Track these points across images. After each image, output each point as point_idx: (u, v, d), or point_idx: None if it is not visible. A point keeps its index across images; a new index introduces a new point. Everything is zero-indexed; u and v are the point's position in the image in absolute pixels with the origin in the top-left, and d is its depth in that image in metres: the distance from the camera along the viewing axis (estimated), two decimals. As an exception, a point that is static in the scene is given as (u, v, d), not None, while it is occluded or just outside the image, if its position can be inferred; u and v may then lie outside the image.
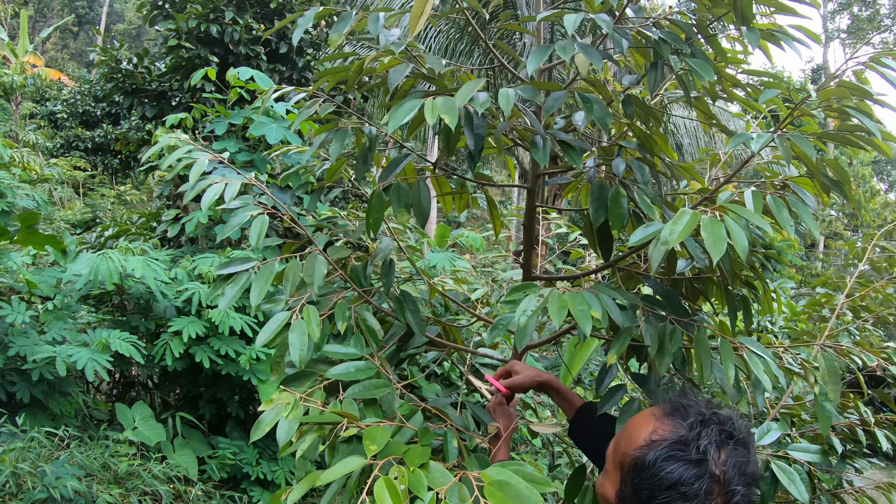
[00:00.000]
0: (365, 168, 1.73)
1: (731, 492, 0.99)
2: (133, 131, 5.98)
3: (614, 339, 1.49)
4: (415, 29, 1.48)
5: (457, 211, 1.99)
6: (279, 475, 4.09)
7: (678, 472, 0.99)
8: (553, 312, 1.26)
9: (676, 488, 0.98)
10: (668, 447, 1.01)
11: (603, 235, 1.85)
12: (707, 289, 1.99)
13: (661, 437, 1.03)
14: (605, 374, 1.90)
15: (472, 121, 1.54)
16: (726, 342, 1.48)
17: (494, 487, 1.15)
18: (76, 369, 3.43)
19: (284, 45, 6.38)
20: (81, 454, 3.20)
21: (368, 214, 1.63)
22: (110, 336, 3.59)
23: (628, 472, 1.06)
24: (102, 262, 3.60)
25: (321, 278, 1.62)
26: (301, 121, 1.66)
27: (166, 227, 5.18)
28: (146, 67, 5.88)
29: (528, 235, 1.90)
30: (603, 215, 1.64)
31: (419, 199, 1.63)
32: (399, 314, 1.86)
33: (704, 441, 1.00)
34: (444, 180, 1.87)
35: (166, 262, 4.34)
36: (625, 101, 1.65)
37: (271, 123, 4.88)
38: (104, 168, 11.17)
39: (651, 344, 1.46)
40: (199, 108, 5.02)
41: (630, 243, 1.37)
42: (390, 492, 1.10)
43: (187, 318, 3.99)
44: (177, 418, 3.97)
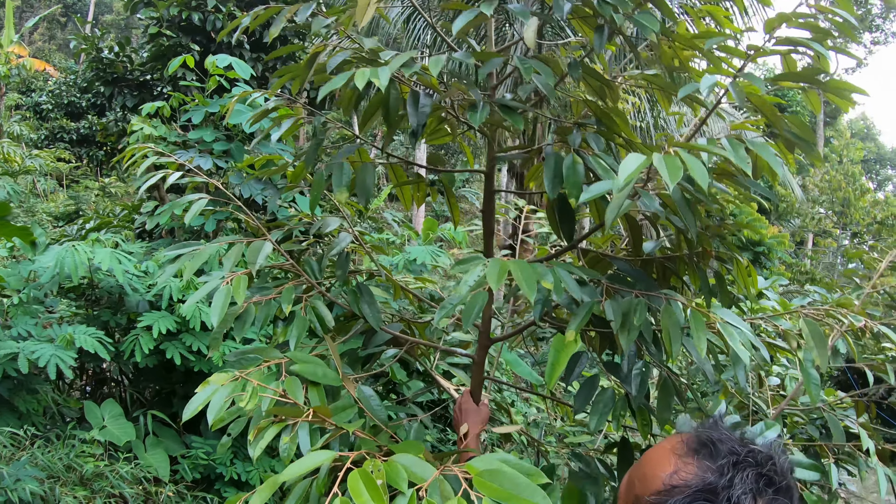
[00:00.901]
0: (314, 157, 1.70)
1: None
2: (114, 122, 5.94)
3: (574, 314, 1.45)
4: (362, 20, 1.45)
5: (416, 204, 1.95)
6: (254, 476, 4.05)
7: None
8: (491, 277, 1.21)
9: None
10: (692, 496, 0.84)
11: (563, 213, 1.81)
12: (679, 268, 1.95)
13: (684, 483, 0.85)
14: (575, 362, 1.86)
15: (418, 99, 1.52)
16: (696, 312, 1.43)
17: (485, 478, 1.05)
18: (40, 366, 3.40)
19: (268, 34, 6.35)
20: (45, 455, 3.16)
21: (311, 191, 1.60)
22: (75, 332, 3.54)
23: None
24: (69, 254, 3.57)
25: (263, 258, 1.61)
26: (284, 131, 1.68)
27: (145, 218, 5.14)
28: (127, 56, 5.84)
29: (488, 221, 1.86)
30: (559, 185, 1.60)
31: (363, 180, 1.60)
32: (353, 305, 1.83)
33: (738, 490, 0.82)
34: (400, 171, 1.84)
35: (139, 254, 4.31)
36: (571, 64, 1.60)
37: (249, 112, 4.83)
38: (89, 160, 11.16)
39: (614, 318, 1.42)
40: (177, 96, 4.98)
41: (580, 200, 1.32)
42: (367, 486, 0.99)
43: (158, 313, 3.95)
44: (149, 416, 3.93)
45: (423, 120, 1.45)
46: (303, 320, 1.64)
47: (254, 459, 1.27)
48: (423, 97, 1.49)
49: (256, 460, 4.09)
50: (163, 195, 5.19)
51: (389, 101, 1.43)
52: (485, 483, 1.04)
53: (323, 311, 1.75)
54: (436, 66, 1.32)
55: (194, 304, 1.58)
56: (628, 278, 1.78)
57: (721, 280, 1.88)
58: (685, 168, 1.13)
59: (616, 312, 1.49)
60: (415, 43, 8.03)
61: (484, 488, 1.03)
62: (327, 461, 1.11)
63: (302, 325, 1.63)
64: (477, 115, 1.42)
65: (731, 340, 1.53)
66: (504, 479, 1.04)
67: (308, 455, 1.11)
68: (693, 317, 1.54)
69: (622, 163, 1.20)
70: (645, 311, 1.50)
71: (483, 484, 1.04)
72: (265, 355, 1.62)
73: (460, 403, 1.83)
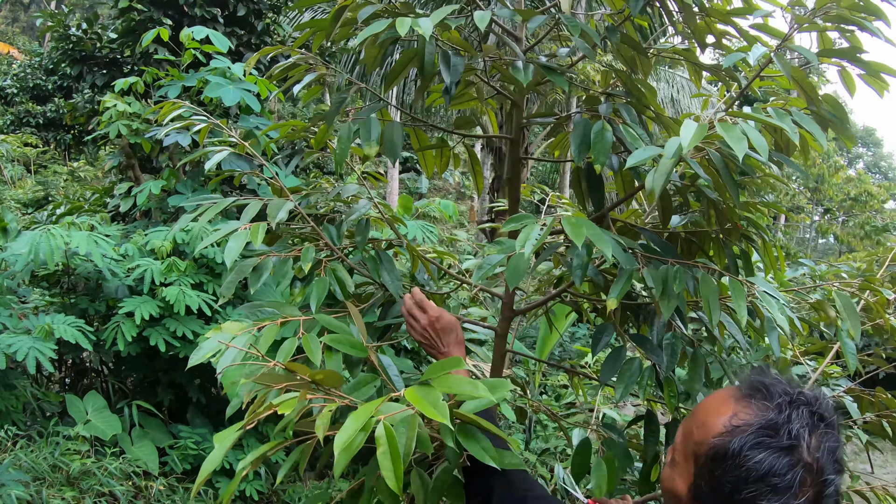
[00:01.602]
0: (336, 114, 1.63)
1: (825, 481, 0.89)
2: (83, 102, 5.70)
3: (615, 281, 1.41)
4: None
5: (438, 170, 1.88)
6: (247, 464, 3.97)
7: (768, 462, 0.89)
8: (571, 233, 1.17)
9: (766, 480, 0.88)
10: (755, 433, 0.90)
11: (591, 181, 1.77)
12: (703, 244, 1.93)
13: (745, 422, 0.92)
14: (602, 332, 1.83)
15: (449, 58, 1.45)
16: (736, 281, 1.42)
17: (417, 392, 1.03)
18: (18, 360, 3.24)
19: (242, 8, 6.15)
20: (29, 455, 3.02)
21: (336, 147, 1.52)
22: (54, 321, 3.39)
23: (706, 462, 0.94)
24: (43, 239, 3.40)
25: (285, 214, 1.55)
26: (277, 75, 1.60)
27: (119, 201, 4.96)
28: (96, 33, 5.59)
29: (514, 189, 1.81)
30: (585, 151, 1.56)
31: (391, 135, 1.53)
32: (374, 273, 1.77)
33: (796, 425, 0.90)
34: (423, 135, 1.77)
35: (116, 237, 4.15)
36: (610, 28, 1.55)
37: (228, 85, 4.68)
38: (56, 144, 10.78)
39: (655, 286, 1.39)
40: (150, 71, 4.80)
41: (629, 164, 1.28)
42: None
43: (140, 298, 3.82)
44: (133, 407, 3.81)
45: (456, 78, 1.38)
46: (323, 281, 1.56)
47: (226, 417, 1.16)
48: (454, 56, 1.43)
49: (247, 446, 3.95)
50: (138, 175, 5.01)
51: (425, 56, 1.35)
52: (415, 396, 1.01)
53: (343, 275, 1.67)
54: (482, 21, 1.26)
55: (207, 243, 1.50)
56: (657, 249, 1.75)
57: (747, 258, 1.87)
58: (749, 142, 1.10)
59: (656, 280, 1.46)
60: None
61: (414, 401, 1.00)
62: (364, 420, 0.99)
63: (322, 286, 1.55)
64: (521, 74, 1.36)
65: (770, 309, 1.52)
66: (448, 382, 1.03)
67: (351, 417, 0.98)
68: (732, 285, 1.53)
69: (682, 127, 1.16)
70: (684, 278, 1.48)
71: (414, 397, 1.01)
72: (282, 311, 1.53)
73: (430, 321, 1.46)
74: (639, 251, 1.58)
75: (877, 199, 13.58)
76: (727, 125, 1.13)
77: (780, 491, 0.87)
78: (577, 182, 1.98)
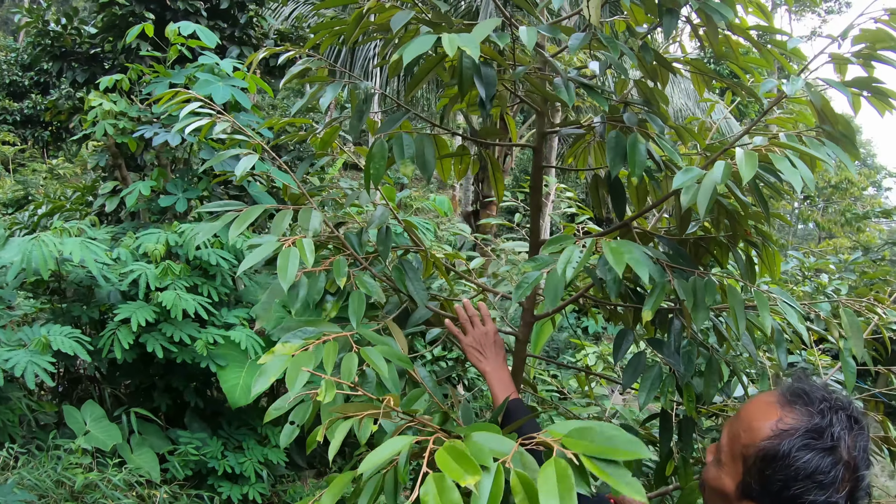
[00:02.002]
0: (360, 125, 1.63)
1: (860, 477, 1.02)
2: (63, 99, 5.57)
3: (649, 294, 1.45)
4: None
5: (455, 175, 1.90)
6: (247, 467, 3.97)
7: (815, 462, 1.00)
8: (612, 260, 1.20)
9: (813, 478, 1.00)
10: (802, 436, 1.01)
11: (615, 192, 1.81)
12: (710, 248, 1.99)
13: (791, 426, 1.03)
14: (623, 339, 1.87)
15: (482, 70, 1.46)
16: (760, 293, 1.47)
17: (574, 437, 0.97)
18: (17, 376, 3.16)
19: (226, 1, 6.06)
20: (32, 473, 2.97)
21: (368, 165, 1.52)
22: (50, 333, 3.33)
23: (755, 463, 1.04)
24: (35, 247, 3.33)
25: (317, 225, 1.54)
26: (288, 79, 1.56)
27: (104, 200, 4.88)
28: (76, 28, 5.46)
29: (536, 197, 1.83)
30: (620, 164, 1.59)
31: (423, 151, 1.53)
32: (399, 282, 1.78)
33: (837, 428, 1.01)
34: (443, 142, 1.77)
35: (106, 241, 4.09)
36: (643, 47, 1.58)
37: (217, 82, 4.62)
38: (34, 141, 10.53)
39: (686, 297, 1.43)
40: (135, 68, 4.70)
41: (674, 185, 1.32)
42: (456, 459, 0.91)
43: (135, 304, 3.78)
44: (131, 414, 3.78)
45: (491, 92, 1.39)
46: (359, 295, 1.56)
47: (329, 460, 1.17)
48: (486, 67, 1.44)
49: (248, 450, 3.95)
50: (125, 175, 4.93)
51: (464, 69, 1.36)
52: (575, 442, 0.96)
53: (372, 287, 1.68)
54: (530, 38, 1.27)
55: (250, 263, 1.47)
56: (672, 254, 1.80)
57: (751, 263, 1.94)
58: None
59: (687, 292, 1.51)
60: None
61: (575, 447, 0.95)
62: (406, 447, 1.02)
63: (360, 299, 1.55)
64: (564, 94, 1.38)
65: (790, 318, 1.58)
66: (595, 435, 0.97)
67: (386, 443, 1.02)
68: (757, 296, 1.58)
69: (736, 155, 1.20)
70: (714, 290, 1.53)
71: (573, 443, 0.96)
72: (320, 328, 1.52)
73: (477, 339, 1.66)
74: (666, 262, 1.62)
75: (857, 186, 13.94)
76: (777, 157, 1.18)
77: (825, 487, 0.99)
78: (594, 188, 2.02)
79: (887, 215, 10.57)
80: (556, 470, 0.89)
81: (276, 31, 6.62)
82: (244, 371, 4.02)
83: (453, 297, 2.14)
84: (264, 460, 4.10)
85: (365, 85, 1.71)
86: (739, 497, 1.07)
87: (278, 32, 6.61)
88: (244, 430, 4.31)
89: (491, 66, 1.47)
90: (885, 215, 10.78)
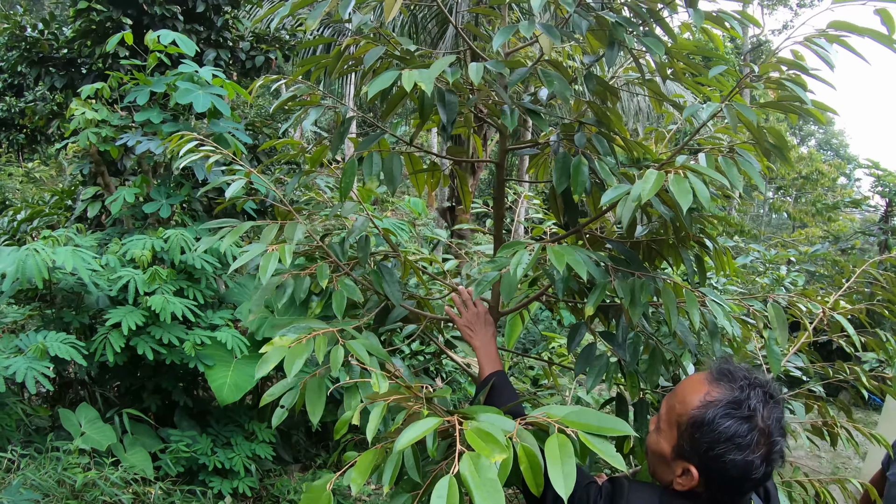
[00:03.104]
0: (339, 144, 1.89)
1: (773, 442, 1.25)
2: (41, 103, 5.71)
3: (591, 292, 1.73)
4: (389, 14, 1.62)
5: (428, 188, 2.16)
6: (236, 462, 4.21)
7: (734, 428, 1.23)
8: (554, 260, 1.47)
9: (733, 440, 1.23)
10: (724, 406, 1.25)
11: (567, 203, 2.09)
12: (663, 250, 2.28)
13: (716, 399, 1.27)
14: (576, 331, 2.16)
15: (445, 97, 1.73)
16: (690, 292, 1.75)
17: (571, 418, 1.27)
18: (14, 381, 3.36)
19: (202, 4, 6.22)
20: (35, 473, 3.19)
21: (341, 180, 1.79)
22: (47, 339, 3.54)
23: (687, 429, 1.29)
24: (29, 256, 3.54)
25: (300, 236, 1.80)
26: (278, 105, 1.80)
27: (85, 206, 5.06)
28: (53, 34, 5.60)
29: (498, 207, 2.10)
30: (565, 182, 1.86)
31: (391, 169, 1.80)
32: (377, 285, 2.04)
33: (754, 401, 1.25)
34: (416, 158, 2.04)
35: (93, 247, 4.29)
36: (587, 76, 1.86)
37: (197, 90, 4.82)
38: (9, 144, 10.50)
39: (624, 296, 1.70)
40: (115, 76, 4.88)
41: (602, 201, 1.58)
42: (484, 438, 1.14)
43: (124, 308, 3.99)
44: (123, 415, 4.00)
45: (452, 117, 1.66)
46: (341, 294, 1.84)
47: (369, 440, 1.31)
48: (449, 94, 1.70)
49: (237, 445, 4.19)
50: (108, 182, 5.11)
51: (425, 99, 1.63)
52: (573, 422, 1.27)
53: (351, 288, 1.95)
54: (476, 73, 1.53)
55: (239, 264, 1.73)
56: (622, 257, 2.08)
57: (700, 262, 2.22)
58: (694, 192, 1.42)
59: (626, 291, 1.78)
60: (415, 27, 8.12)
61: (574, 425, 1.25)
62: (434, 427, 1.22)
63: (341, 298, 1.83)
64: (508, 119, 1.65)
65: (717, 315, 1.86)
66: (589, 416, 1.28)
67: (417, 423, 1.22)
68: (687, 295, 1.87)
69: (642, 179, 1.47)
70: (650, 290, 1.80)
71: (572, 423, 1.26)
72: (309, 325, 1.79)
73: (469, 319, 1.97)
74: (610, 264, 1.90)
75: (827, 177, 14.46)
76: (678, 179, 1.45)
77: (743, 448, 1.23)
78: (553, 199, 2.30)
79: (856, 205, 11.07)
80: (559, 441, 1.19)
81: (252, 34, 6.81)
82: (231, 370, 4.26)
83: (429, 296, 2.41)
84: (252, 455, 4.34)
85: (345, 109, 1.97)
86: (674, 458, 1.33)
87: (254, 34, 6.80)
88: (232, 427, 4.55)
89: (454, 93, 1.74)
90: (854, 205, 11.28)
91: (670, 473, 1.34)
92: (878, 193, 10.06)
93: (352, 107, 1.94)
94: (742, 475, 1.24)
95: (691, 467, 1.29)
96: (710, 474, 1.27)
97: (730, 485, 1.27)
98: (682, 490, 1.32)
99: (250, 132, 6.09)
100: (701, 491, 1.30)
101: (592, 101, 2.06)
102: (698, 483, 1.29)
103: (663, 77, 2.01)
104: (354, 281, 2.09)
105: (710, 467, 1.26)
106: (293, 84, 2.10)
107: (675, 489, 1.33)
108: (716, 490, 1.28)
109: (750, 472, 1.24)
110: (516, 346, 7.41)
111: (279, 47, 6.80)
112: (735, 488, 1.27)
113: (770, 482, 1.49)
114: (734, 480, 1.25)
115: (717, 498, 1.30)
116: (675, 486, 1.33)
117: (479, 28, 8.50)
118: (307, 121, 1.94)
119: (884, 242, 9.85)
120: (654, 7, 1.77)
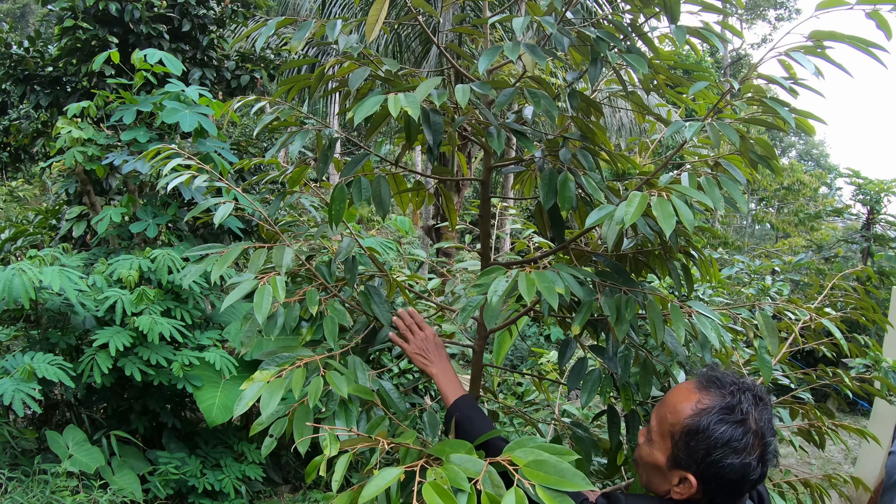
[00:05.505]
0: (325, 168, 1.88)
1: (767, 442, 1.28)
2: (25, 121, 5.67)
3: (577, 311, 1.73)
4: (371, 35, 1.63)
5: (413, 207, 2.17)
6: (226, 483, 4.16)
7: (729, 433, 1.26)
8: (523, 290, 1.46)
9: (729, 445, 1.25)
10: (717, 413, 1.27)
11: (554, 219, 2.09)
12: (650, 261, 2.29)
13: (708, 406, 1.29)
14: (567, 346, 2.16)
15: (430, 117, 1.73)
16: (675, 306, 1.75)
17: (532, 468, 1.27)
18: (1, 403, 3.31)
19: (187, 23, 6.23)
20: (22, 496, 3.13)
21: (330, 207, 1.78)
22: (34, 360, 3.50)
23: (681, 438, 1.30)
24: (15, 276, 3.50)
25: (289, 262, 1.78)
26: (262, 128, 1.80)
27: (70, 225, 5.02)
28: (38, 51, 5.58)
29: (484, 224, 2.11)
30: (553, 199, 1.86)
31: (379, 193, 1.80)
32: (365, 306, 2.04)
33: (745, 404, 1.27)
34: (401, 178, 2.04)
35: (79, 267, 4.25)
36: (570, 94, 1.88)
37: (184, 109, 4.81)
38: (-7, 163, 10.43)
39: (610, 313, 1.70)
40: (101, 94, 4.87)
41: (587, 224, 1.59)
42: (439, 494, 1.17)
43: (112, 329, 3.95)
44: (111, 437, 3.94)
45: (438, 138, 1.66)
46: (331, 319, 1.82)
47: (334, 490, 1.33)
48: (434, 115, 1.71)
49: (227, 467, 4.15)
50: (94, 202, 5.08)
51: (411, 122, 1.63)
52: (532, 472, 1.26)
53: (341, 313, 1.93)
54: (463, 96, 1.54)
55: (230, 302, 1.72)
56: (608, 270, 2.09)
57: (687, 272, 2.24)
58: (677, 213, 1.43)
59: (611, 308, 1.78)
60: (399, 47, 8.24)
61: (533, 477, 1.25)
62: (397, 477, 1.26)
63: (332, 324, 1.81)
64: (495, 142, 1.66)
65: (703, 328, 1.85)
66: (549, 467, 1.26)
67: (380, 474, 1.25)
68: (672, 309, 1.87)
69: (626, 201, 1.48)
70: (635, 306, 1.81)
71: (531, 473, 1.26)
72: (296, 353, 1.78)
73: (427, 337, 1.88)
74: (597, 280, 1.91)
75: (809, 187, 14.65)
76: (661, 202, 1.46)
77: (739, 451, 1.25)
78: (538, 214, 2.31)
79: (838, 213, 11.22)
80: (517, 498, 1.19)
81: (238, 53, 6.82)
82: (219, 390, 4.22)
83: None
84: (242, 476, 4.29)
85: (329, 131, 1.97)
86: (670, 468, 1.32)
87: (239, 54, 6.81)
88: (221, 448, 4.50)
89: (439, 113, 1.74)
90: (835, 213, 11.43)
91: (666, 483, 1.35)
92: (859, 202, 10.21)
93: (336, 128, 1.94)
94: (740, 478, 1.26)
95: (689, 475, 1.30)
96: (708, 480, 1.28)
97: (728, 488, 1.28)
98: (681, 499, 1.32)
99: (235, 151, 6.09)
100: (699, 498, 1.31)
101: (576, 115, 2.08)
102: (697, 490, 1.29)
103: (646, 90, 2.03)
104: (342, 302, 2.08)
105: (708, 473, 1.27)
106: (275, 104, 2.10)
107: (672, 498, 1.34)
108: (715, 495, 1.30)
109: (748, 474, 1.26)
110: (504, 362, 7.42)
111: (264, 66, 6.81)
112: (734, 491, 1.29)
113: (762, 486, 1.50)
114: (733, 483, 1.27)
115: (716, 503, 1.31)
116: (673, 496, 1.33)
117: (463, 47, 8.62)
118: (293, 147, 1.93)
119: (866, 249, 9.98)
120: (635, 21, 1.80)
